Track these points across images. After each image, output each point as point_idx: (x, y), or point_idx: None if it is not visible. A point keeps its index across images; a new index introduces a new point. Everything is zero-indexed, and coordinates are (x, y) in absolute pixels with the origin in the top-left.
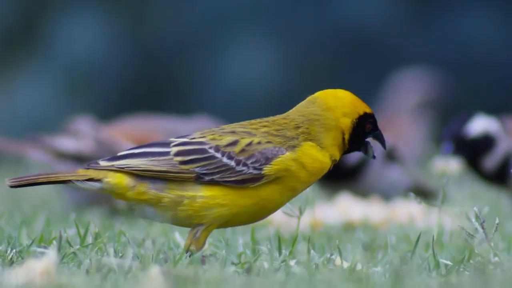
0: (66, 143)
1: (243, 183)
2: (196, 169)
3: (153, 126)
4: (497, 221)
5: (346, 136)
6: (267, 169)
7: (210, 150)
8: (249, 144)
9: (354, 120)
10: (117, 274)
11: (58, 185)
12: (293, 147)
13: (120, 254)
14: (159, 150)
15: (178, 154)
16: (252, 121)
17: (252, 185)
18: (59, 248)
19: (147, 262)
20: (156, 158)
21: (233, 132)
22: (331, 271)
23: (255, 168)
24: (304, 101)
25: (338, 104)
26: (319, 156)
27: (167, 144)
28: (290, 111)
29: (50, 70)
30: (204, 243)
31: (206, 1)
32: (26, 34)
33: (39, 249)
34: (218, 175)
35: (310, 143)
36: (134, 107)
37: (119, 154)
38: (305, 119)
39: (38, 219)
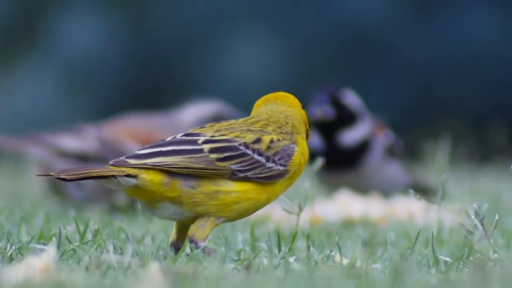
0: (69, 142)
1: (271, 179)
2: (232, 166)
3: (152, 123)
4: (496, 217)
5: (307, 127)
6: (291, 165)
7: (241, 147)
8: (272, 141)
9: (306, 113)
10: (116, 271)
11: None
12: (295, 141)
13: (120, 251)
14: (190, 147)
15: (212, 151)
16: (246, 119)
17: (279, 181)
18: (59, 245)
19: (147, 259)
20: (192, 155)
21: (249, 130)
22: (330, 268)
23: (281, 165)
24: (262, 104)
25: (293, 100)
26: (307, 147)
27: (194, 142)
28: (261, 112)
29: (49, 67)
30: (208, 235)
31: None
32: (25, 30)
33: (38, 246)
34: (251, 172)
35: (300, 135)
36: (134, 104)
37: (141, 152)
38: (285, 115)
39: (37, 216)
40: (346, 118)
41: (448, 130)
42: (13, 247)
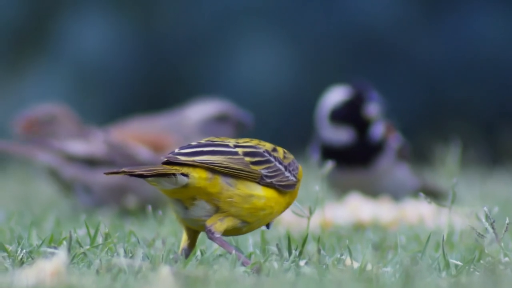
0: (76, 146)
1: (288, 188)
2: (262, 171)
3: (158, 125)
4: (507, 221)
5: None
6: (299, 177)
7: (265, 154)
8: (285, 152)
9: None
10: (127, 274)
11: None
12: None
13: (130, 254)
14: (227, 149)
15: (246, 154)
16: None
17: (291, 191)
18: (69, 249)
19: (157, 262)
20: (230, 156)
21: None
22: (341, 271)
23: (293, 176)
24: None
25: None
26: None
27: (227, 145)
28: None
29: (59, 70)
30: (223, 231)
31: (216, 0)
32: (35, 34)
33: (49, 250)
34: (275, 179)
35: None
36: (143, 106)
37: (184, 151)
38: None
39: (48, 220)
40: None
41: (458, 133)
42: (24, 251)
